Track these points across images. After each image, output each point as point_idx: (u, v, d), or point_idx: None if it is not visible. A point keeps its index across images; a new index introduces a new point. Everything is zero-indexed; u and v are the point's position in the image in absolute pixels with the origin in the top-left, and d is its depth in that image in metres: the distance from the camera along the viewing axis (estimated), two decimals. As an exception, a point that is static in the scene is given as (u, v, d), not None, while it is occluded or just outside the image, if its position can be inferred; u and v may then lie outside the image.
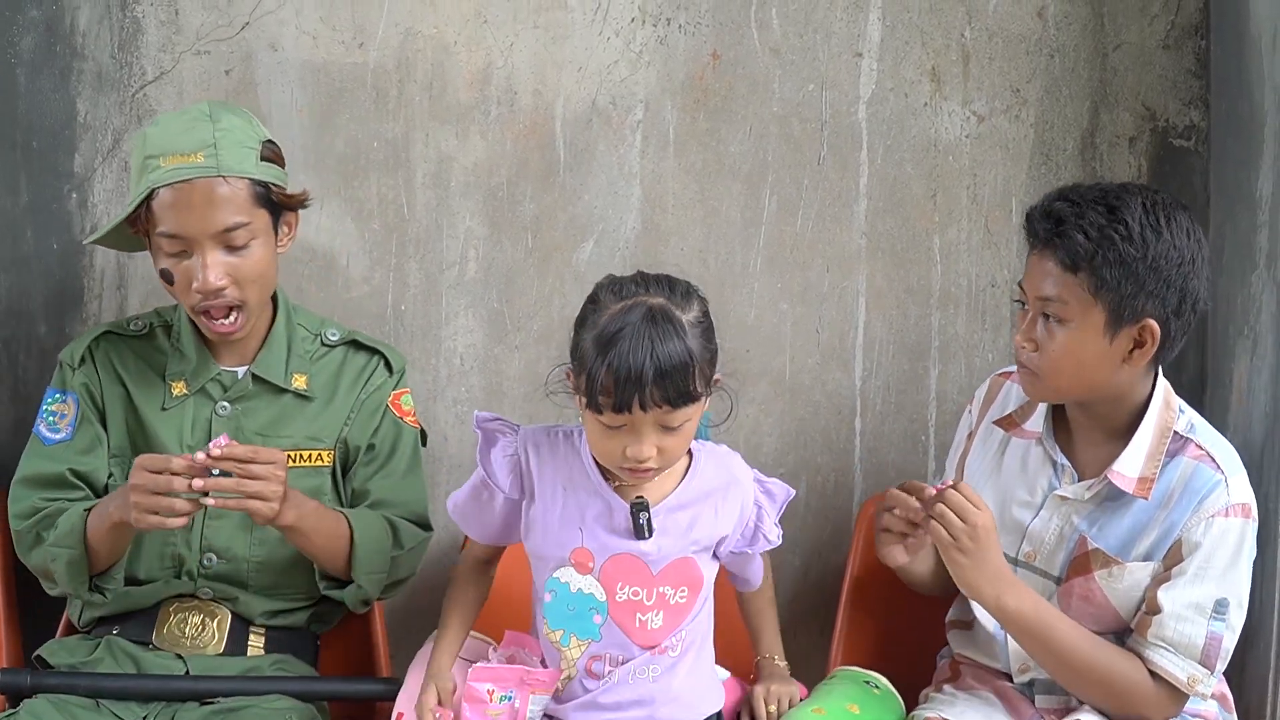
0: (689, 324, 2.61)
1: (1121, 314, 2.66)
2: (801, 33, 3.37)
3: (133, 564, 2.93)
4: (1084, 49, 3.41)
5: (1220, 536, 2.71)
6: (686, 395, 2.59)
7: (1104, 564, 2.78)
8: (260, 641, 2.96)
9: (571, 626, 2.74)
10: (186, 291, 2.84)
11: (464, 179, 3.34)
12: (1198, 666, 2.72)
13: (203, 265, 2.81)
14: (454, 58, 3.31)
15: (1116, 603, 2.79)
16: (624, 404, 2.57)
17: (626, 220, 3.38)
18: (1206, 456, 2.76)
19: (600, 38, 3.34)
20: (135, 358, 2.97)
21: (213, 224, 2.80)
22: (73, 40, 3.24)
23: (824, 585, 3.41)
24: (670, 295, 2.64)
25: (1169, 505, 2.75)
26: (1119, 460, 2.76)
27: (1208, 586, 2.71)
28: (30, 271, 3.25)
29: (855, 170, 3.41)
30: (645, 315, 2.59)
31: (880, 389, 3.45)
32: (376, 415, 3.03)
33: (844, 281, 3.42)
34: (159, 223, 2.81)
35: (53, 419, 2.95)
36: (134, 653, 2.89)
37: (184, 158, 2.80)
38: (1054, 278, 2.68)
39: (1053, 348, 2.70)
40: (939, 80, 3.40)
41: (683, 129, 3.37)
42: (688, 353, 2.58)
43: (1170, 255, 2.65)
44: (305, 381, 2.99)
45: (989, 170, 3.42)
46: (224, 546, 2.94)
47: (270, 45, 3.27)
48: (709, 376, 2.65)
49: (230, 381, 2.96)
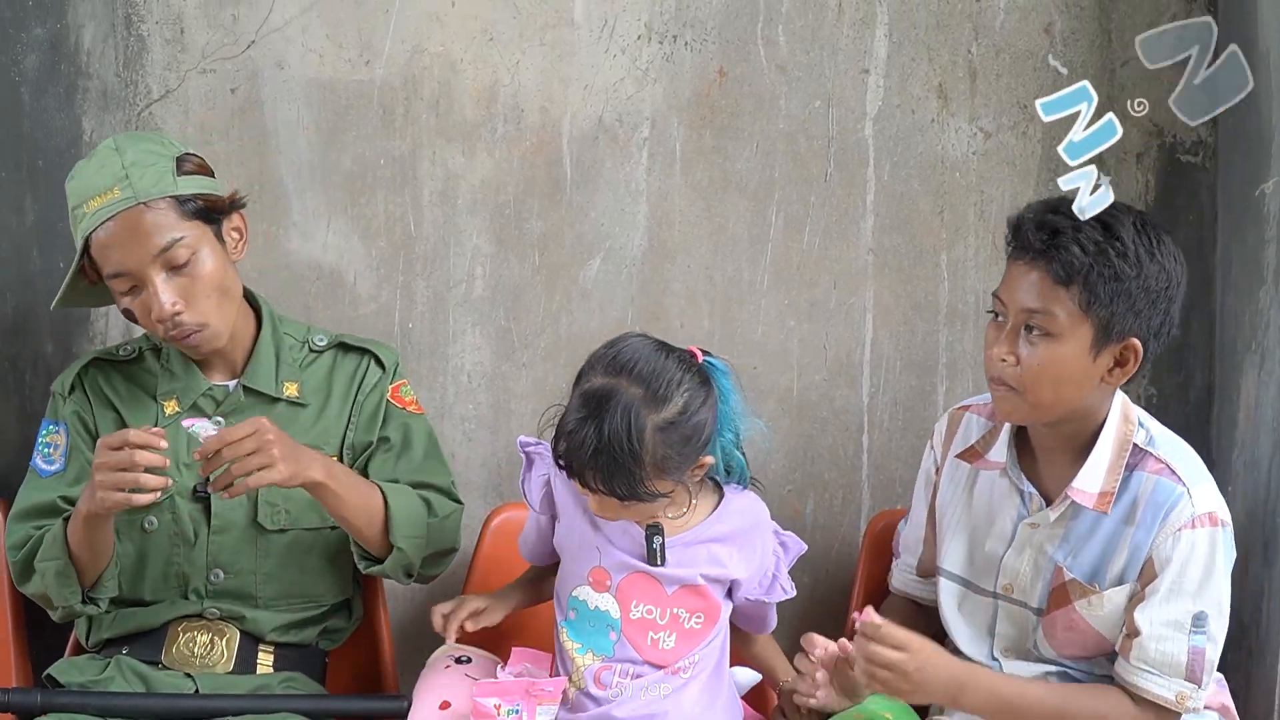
0: (654, 425, 2.61)
1: (1109, 331, 2.63)
2: (808, 50, 3.37)
3: (138, 585, 2.92)
4: (1091, 65, 3.41)
5: (1190, 550, 2.67)
6: (633, 495, 2.63)
7: (1082, 594, 2.74)
8: (269, 660, 2.96)
9: (589, 642, 2.78)
10: (150, 324, 2.85)
11: (471, 196, 3.34)
12: (1184, 683, 2.68)
13: (154, 294, 2.81)
14: (461, 75, 3.31)
15: (1100, 628, 2.76)
16: (578, 478, 2.66)
17: (633, 237, 3.37)
18: (1166, 469, 2.71)
19: (606, 55, 3.33)
20: (125, 381, 2.98)
21: (148, 250, 2.80)
22: (77, 59, 3.24)
23: (830, 602, 3.40)
24: (645, 382, 2.62)
25: (1134, 523, 2.71)
26: (1078, 477, 2.72)
27: (1184, 602, 2.67)
28: (37, 290, 3.25)
29: (862, 187, 3.40)
30: (599, 408, 2.60)
31: (888, 406, 3.44)
32: (379, 413, 3.03)
33: (851, 298, 3.42)
34: (103, 266, 2.83)
35: (47, 450, 2.96)
36: (144, 672, 2.88)
37: (101, 197, 2.81)
38: (1042, 290, 2.63)
39: (1034, 363, 2.65)
40: (946, 97, 3.40)
41: (689, 146, 3.37)
42: (632, 456, 2.59)
43: (1160, 277, 2.63)
44: (297, 389, 2.99)
45: (996, 186, 3.42)
46: (229, 560, 2.93)
47: (276, 63, 3.27)
48: (673, 472, 2.65)
49: (222, 395, 2.96)
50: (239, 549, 2.94)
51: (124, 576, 2.92)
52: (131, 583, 2.92)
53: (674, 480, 2.67)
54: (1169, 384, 3.43)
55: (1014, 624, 2.83)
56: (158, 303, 2.80)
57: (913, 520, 3.04)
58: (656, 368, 2.65)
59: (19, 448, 3.21)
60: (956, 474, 2.91)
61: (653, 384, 2.63)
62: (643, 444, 2.59)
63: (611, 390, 2.62)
